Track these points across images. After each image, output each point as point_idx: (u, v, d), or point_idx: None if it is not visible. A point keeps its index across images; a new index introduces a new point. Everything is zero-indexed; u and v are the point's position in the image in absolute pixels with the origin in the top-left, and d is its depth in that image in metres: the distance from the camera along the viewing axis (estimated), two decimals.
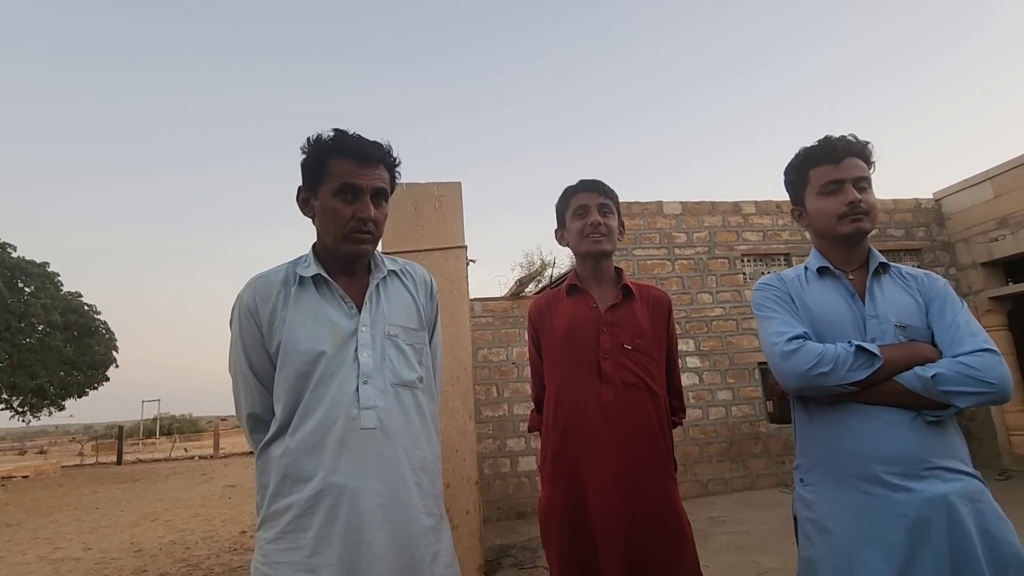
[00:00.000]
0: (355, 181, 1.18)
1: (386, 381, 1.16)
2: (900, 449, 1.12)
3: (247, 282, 1.21)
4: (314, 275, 1.19)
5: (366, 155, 1.20)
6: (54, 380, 16.22)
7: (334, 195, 1.18)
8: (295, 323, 1.15)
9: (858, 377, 1.14)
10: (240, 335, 1.17)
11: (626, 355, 1.48)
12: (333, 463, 1.07)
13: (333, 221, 1.19)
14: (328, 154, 1.19)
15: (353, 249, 1.20)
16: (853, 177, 1.28)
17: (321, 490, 1.06)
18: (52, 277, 16.74)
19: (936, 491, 1.09)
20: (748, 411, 6.77)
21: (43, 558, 6.06)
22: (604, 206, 1.58)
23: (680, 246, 7.08)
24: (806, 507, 1.24)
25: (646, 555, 1.35)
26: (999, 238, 7.03)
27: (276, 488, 1.09)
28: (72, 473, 17.40)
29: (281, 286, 1.19)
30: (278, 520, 1.07)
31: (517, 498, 6.15)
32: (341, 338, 1.15)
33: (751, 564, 3.86)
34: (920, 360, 1.15)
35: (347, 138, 1.20)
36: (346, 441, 1.09)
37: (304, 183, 1.23)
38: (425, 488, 1.16)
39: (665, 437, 1.48)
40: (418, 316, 1.29)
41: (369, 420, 1.11)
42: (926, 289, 1.27)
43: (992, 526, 1.09)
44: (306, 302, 1.18)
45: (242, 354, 1.17)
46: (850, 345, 1.16)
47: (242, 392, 1.18)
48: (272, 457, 1.11)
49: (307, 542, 1.04)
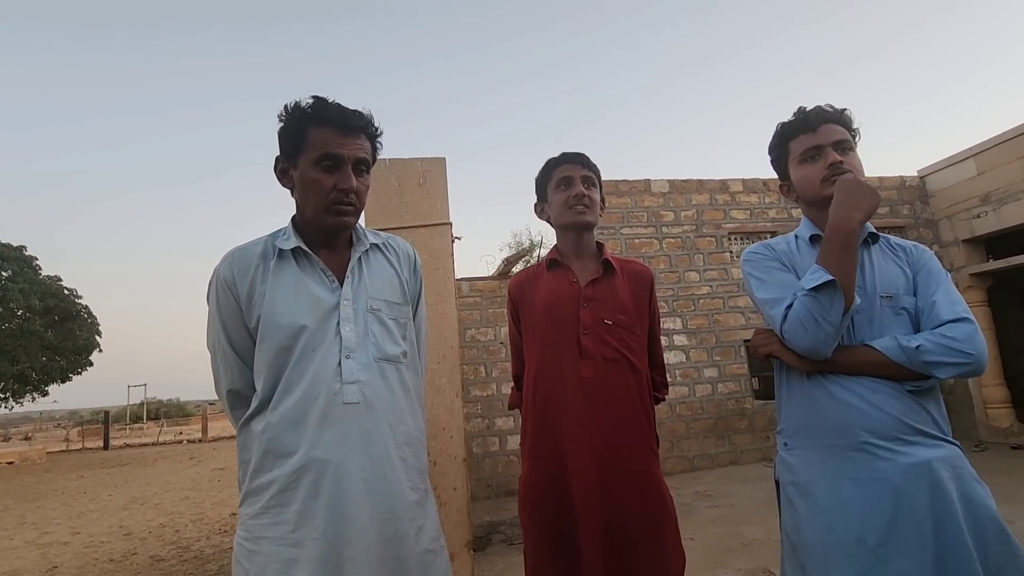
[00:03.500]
0: (336, 151, 1.14)
1: (369, 356, 1.14)
2: (883, 416, 1.12)
3: (224, 255, 1.18)
4: (294, 248, 1.16)
5: (347, 124, 1.15)
6: (36, 366, 15.97)
7: (314, 165, 1.14)
8: (275, 297, 1.12)
9: (841, 307, 1.12)
10: (218, 310, 1.14)
11: (606, 330, 1.45)
12: (315, 437, 1.06)
13: (314, 192, 1.15)
14: (307, 122, 1.14)
15: (335, 221, 1.17)
16: (831, 141, 1.28)
17: (304, 465, 1.05)
18: (30, 261, 16.36)
19: (920, 457, 1.10)
20: (734, 388, 6.87)
21: (31, 543, 6.03)
22: (587, 178, 1.54)
23: (668, 224, 7.08)
24: (789, 471, 1.25)
25: (627, 530, 1.35)
26: (981, 215, 7.12)
27: (258, 463, 1.07)
28: (58, 459, 17.26)
29: (260, 259, 1.15)
30: (260, 495, 1.06)
31: (506, 476, 6.21)
32: (323, 312, 1.13)
33: (735, 535, 3.95)
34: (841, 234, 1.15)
35: (327, 106, 1.15)
36: (328, 415, 1.07)
37: (282, 153, 1.19)
38: (409, 462, 1.15)
39: (647, 412, 1.47)
40: (401, 290, 1.27)
41: (352, 394, 1.10)
42: (913, 260, 1.27)
43: (971, 491, 1.10)
44: (286, 276, 1.15)
45: (220, 329, 1.14)
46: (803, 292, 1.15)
47: (221, 368, 1.15)
48: (253, 432, 1.09)
49: (290, 516, 1.03)
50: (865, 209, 1.18)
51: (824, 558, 1.13)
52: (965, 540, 1.05)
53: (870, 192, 1.19)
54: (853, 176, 1.23)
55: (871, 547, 1.08)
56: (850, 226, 1.17)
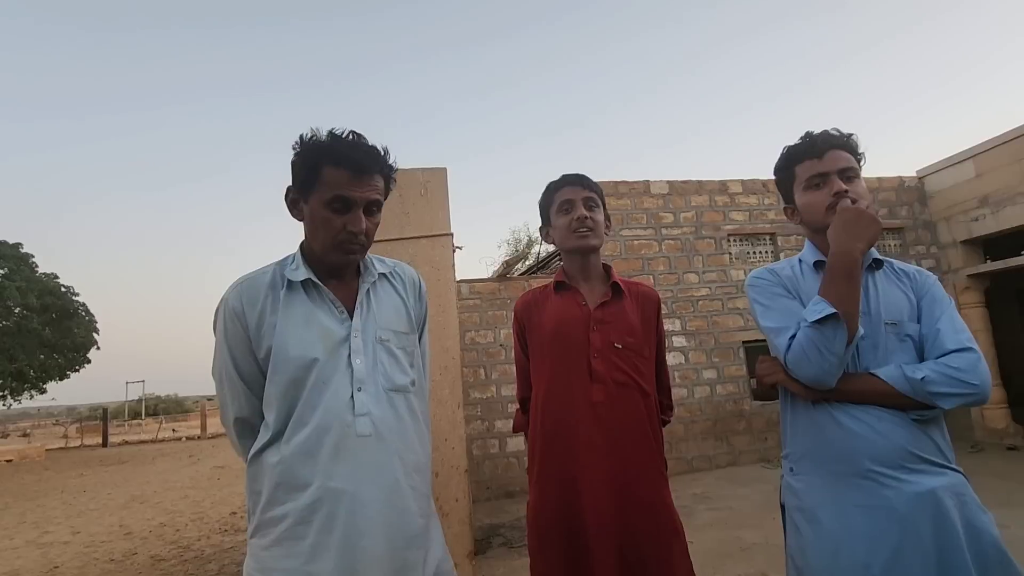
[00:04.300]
0: (349, 194, 1.13)
1: (379, 387, 1.15)
2: (888, 444, 1.13)
3: (232, 285, 1.18)
4: (304, 279, 1.16)
5: (362, 166, 1.14)
6: (34, 363, 15.93)
7: (325, 205, 1.14)
8: (286, 329, 1.12)
9: (844, 339, 1.13)
10: (226, 339, 1.14)
11: (617, 354, 1.45)
12: (329, 470, 1.07)
13: (323, 230, 1.15)
14: (322, 160, 1.13)
15: (342, 259, 1.18)
16: (837, 169, 1.28)
17: (318, 498, 1.05)
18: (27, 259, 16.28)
19: (925, 485, 1.11)
20: (732, 389, 6.89)
21: (31, 542, 6.04)
22: (589, 200, 1.54)
23: (667, 226, 7.08)
24: (795, 496, 1.26)
25: (640, 555, 1.36)
26: (979, 217, 7.14)
27: (271, 496, 1.08)
28: (57, 456, 17.26)
29: (268, 289, 1.16)
30: (273, 527, 1.07)
31: (506, 478, 6.23)
32: (333, 344, 1.14)
33: (734, 539, 3.98)
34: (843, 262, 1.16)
35: (343, 145, 1.14)
36: (342, 448, 1.08)
37: (294, 185, 1.18)
38: (418, 490, 1.17)
39: (656, 436, 1.48)
40: (408, 319, 1.28)
41: (364, 427, 1.11)
42: (917, 286, 1.28)
43: (975, 518, 1.11)
44: (296, 307, 1.15)
45: (228, 358, 1.14)
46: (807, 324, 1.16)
47: (228, 396, 1.16)
48: (266, 464, 1.10)
49: (304, 549, 1.04)
50: (867, 239, 1.18)
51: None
52: (968, 568, 1.06)
53: (871, 221, 1.20)
54: (853, 205, 1.23)
55: (876, 574, 1.10)
56: (852, 256, 1.17)
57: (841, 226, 1.21)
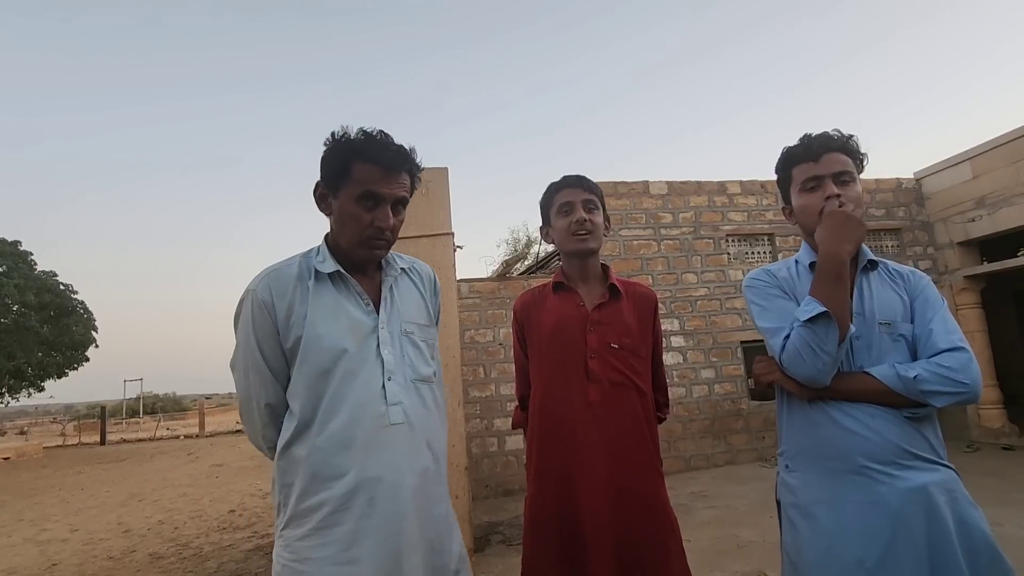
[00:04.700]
0: (379, 190, 1.17)
1: (407, 377, 1.20)
2: (881, 441, 1.16)
3: (259, 276, 1.20)
4: (333, 271, 1.20)
5: (392, 163, 1.18)
6: (32, 361, 15.89)
7: (355, 200, 1.17)
8: (316, 319, 1.15)
9: (835, 337, 1.16)
10: (254, 330, 1.16)
11: (613, 354, 1.48)
12: (364, 458, 1.11)
13: (352, 226, 1.19)
14: (353, 156, 1.17)
15: (368, 255, 1.22)
16: (832, 172, 1.29)
17: (355, 486, 1.09)
18: (25, 256, 16.24)
19: (917, 481, 1.14)
20: (730, 388, 6.92)
21: (29, 540, 6.05)
22: (589, 202, 1.56)
23: (666, 226, 7.11)
24: (790, 493, 1.28)
25: (635, 552, 1.38)
26: (976, 219, 7.17)
27: (305, 487, 1.11)
28: (55, 454, 17.23)
29: (296, 281, 1.18)
30: (308, 517, 1.09)
31: (504, 476, 6.25)
32: (362, 335, 1.17)
33: (731, 537, 4.00)
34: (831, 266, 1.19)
35: (375, 143, 1.17)
36: (376, 437, 1.12)
37: (324, 180, 1.21)
38: (443, 476, 1.24)
39: (652, 434, 1.50)
40: (428, 313, 1.33)
41: (397, 415, 1.15)
42: (911, 287, 1.30)
43: (966, 514, 1.14)
44: (324, 298, 1.18)
45: (256, 349, 1.16)
46: (799, 324, 1.19)
47: (255, 385, 1.17)
48: (297, 457, 1.12)
49: (342, 536, 1.07)
50: (853, 240, 1.22)
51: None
52: (959, 562, 1.08)
53: (857, 224, 1.23)
54: (839, 209, 1.25)
55: (870, 568, 1.12)
56: (840, 258, 1.20)
57: (828, 229, 1.24)
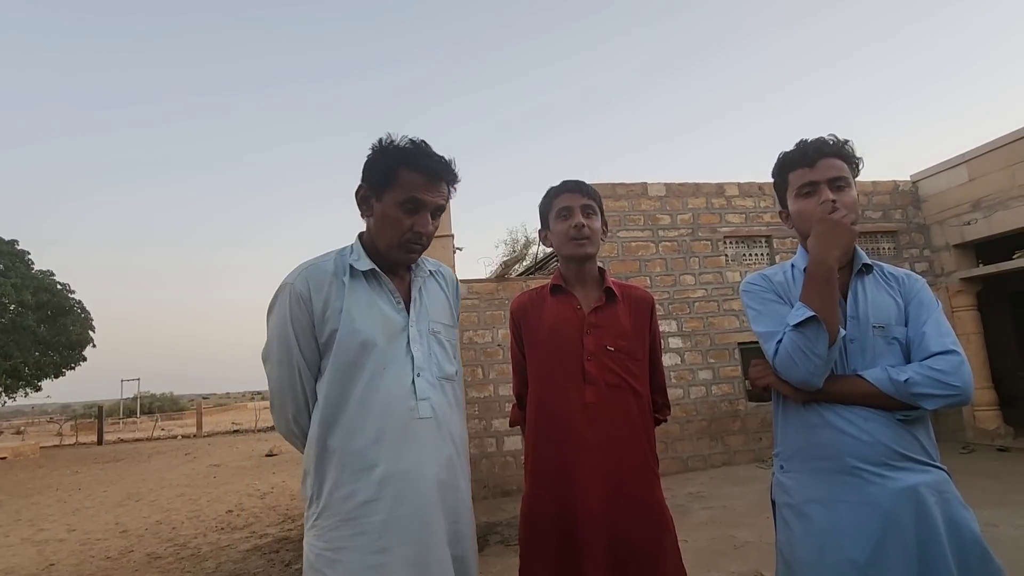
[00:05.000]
0: (422, 197, 1.23)
1: (433, 374, 1.25)
2: (873, 443, 1.18)
3: (296, 271, 1.23)
4: (369, 269, 1.24)
5: (436, 173, 1.25)
6: (28, 361, 15.83)
7: (398, 205, 1.22)
8: (352, 314, 1.19)
9: (825, 341, 1.18)
10: (291, 322, 1.19)
11: (609, 356, 1.50)
12: (396, 451, 1.15)
13: (392, 229, 1.24)
14: (400, 163, 1.22)
15: (404, 257, 1.28)
16: (828, 178, 1.31)
17: (386, 477, 1.13)
18: (22, 256, 16.19)
19: (907, 482, 1.16)
20: (727, 390, 6.95)
21: (26, 540, 6.04)
22: (587, 207, 1.58)
23: (664, 228, 7.13)
24: (785, 493, 1.30)
25: (630, 551, 1.39)
26: (972, 221, 7.22)
27: (337, 478, 1.14)
28: (52, 454, 17.20)
29: (332, 276, 1.22)
30: (340, 508, 1.13)
31: (503, 476, 6.27)
32: (393, 332, 1.22)
33: (728, 538, 4.02)
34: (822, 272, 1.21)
35: (421, 152, 1.23)
36: (406, 430, 1.17)
37: (367, 183, 1.26)
38: (465, 469, 1.29)
39: (648, 436, 1.52)
40: (451, 314, 1.40)
41: (425, 410, 1.20)
42: (906, 290, 1.31)
43: (956, 514, 1.16)
44: (359, 294, 1.23)
45: (294, 341, 1.19)
46: (789, 329, 1.21)
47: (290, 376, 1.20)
48: (330, 449, 1.16)
49: (374, 525, 1.11)
50: (841, 247, 1.24)
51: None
52: (948, 561, 1.10)
53: (846, 231, 1.24)
54: (830, 215, 1.27)
55: (861, 567, 1.14)
56: (827, 264, 1.22)
57: (817, 236, 1.26)
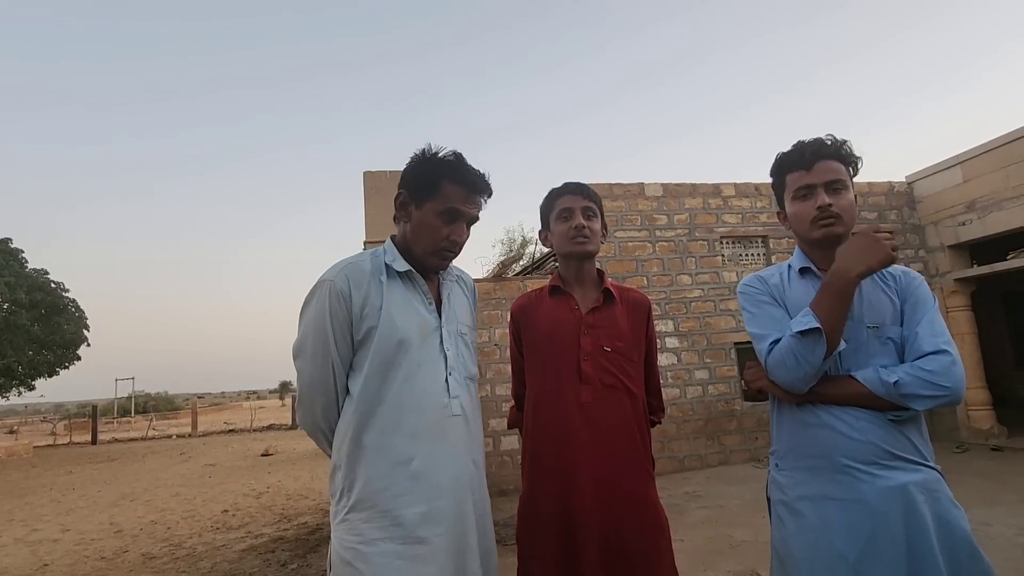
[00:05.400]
0: (461, 208, 1.29)
1: (461, 374, 1.31)
2: (864, 442, 1.19)
3: (336, 267, 1.27)
4: (406, 270, 1.29)
5: (476, 186, 1.31)
6: (22, 360, 15.74)
7: (438, 215, 1.28)
8: (391, 312, 1.23)
9: (822, 353, 1.18)
10: (329, 317, 1.21)
11: (605, 357, 1.51)
12: (431, 446, 1.20)
13: (429, 236, 1.29)
14: (443, 175, 1.28)
15: (438, 264, 1.34)
16: (824, 181, 1.30)
17: (423, 471, 1.18)
18: (16, 254, 16.09)
19: (897, 480, 1.17)
20: (724, 389, 6.97)
21: (20, 540, 6.00)
22: (588, 209, 1.59)
23: (661, 228, 7.15)
24: (780, 490, 1.32)
25: (625, 551, 1.40)
26: (966, 222, 7.26)
27: (372, 472, 1.17)
28: (45, 453, 17.08)
29: (370, 275, 1.26)
30: (376, 500, 1.16)
31: (499, 476, 6.26)
32: (427, 331, 1.27)
33: (724, 537, 4.04)
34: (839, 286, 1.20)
35: (464, 166, 1.30)
36: (441, 426, 1.22)
37: (408, 191, 1.32)
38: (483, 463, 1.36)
39: (643, 436, 1.53)
40: (472, 318, 1.46)
41: (457, 408, 1.27)
42: (902, 288, 1.31)
43: (946, 513, 1.17)
44: (396, 293, 1.27)
45: (331, 336, 1.21)
46: (790, 334, 1.21)
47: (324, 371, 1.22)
48: (365, 444, 1.19)
49: (411, 518, 1.15)
50: (868, 264, 1.20)
51: (809, 572, 1.21)
52: (936, 559, 1.12)
53: (880, 249, 1.20)
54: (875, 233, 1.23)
55: (851, 563, 1.16)
56: (847, 277, 1.20)
57: (850, 247, 1.23)
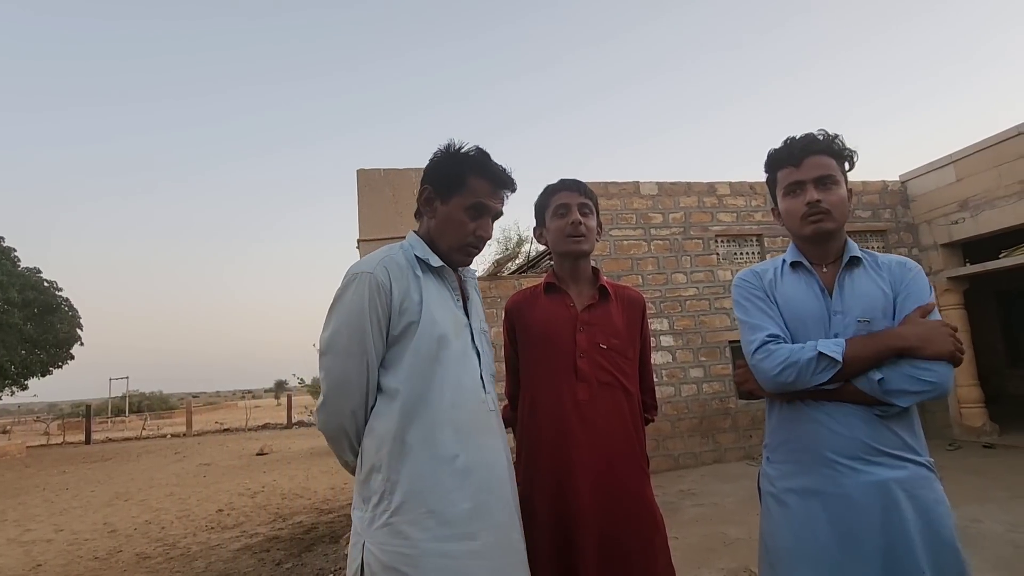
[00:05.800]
0: (487, 203, 1.30)
1: (488, 371, 1.33)
2: (850, 436, 1.21)
3: (373, 260, 1.24)
4: (441, 266, 1.29)
5: (501, 181, 1.32)
6: (15, 359, 15.62)
7: (464, 209, 1.29)
8: (431, 307, 1.23)
9: (821, 380, 1.20)
10: (369, 310, 1.19)
11: (601, 354, 1.51)
12: (473, 442, 1.21)
13: (455, 231, 1.30)
14: (469, 170, 1.29)
15: (463, 259, 1.34)
16: (813, 177, 1.30)
17: (469, 467, 1.18)
18: (8, 252, 15.97)
19: (879, 476, 1.19)
20: (719, 388, 6.99)
21: (13, 540, 5.97)
22: (584, 206, 1.59)
23: (656, 227, 7.15)
24: (769, 482, 1.35)
25: (621, 548, 1.41)
26: (959, 221, 7.30)
27: (418, 471, 1.15)
28: (39, 453, 16.98)
29: (408, 269, 1.26)
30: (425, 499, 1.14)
31: None
32: (459, 327, 1.28)
33: (718, 535, 4.05)
34: (885, 352, 1.18)
35: (489, 161, 1.31)
36: (481, 422, 1.24)
37: (434, 186, 1.32)
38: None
39: (638, 434, 1.53)
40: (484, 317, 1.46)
41: (491, 403, 1.30)
42: (896, 279, 1.30)
43: (930, 509, 1.18)
44: (431, 288, 1.27)
45: (368, 328, 1.19)
46: (813, 349, 1.21)
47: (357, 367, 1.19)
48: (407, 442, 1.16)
49: (462, 514, 1.15)
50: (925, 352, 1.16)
51: (792, 562, 1.25)
52: (915, 554, 1.14)
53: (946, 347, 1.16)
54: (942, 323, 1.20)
55: (834, 554, 1.19)
56: (896, 346, 1.18)
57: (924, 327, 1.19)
